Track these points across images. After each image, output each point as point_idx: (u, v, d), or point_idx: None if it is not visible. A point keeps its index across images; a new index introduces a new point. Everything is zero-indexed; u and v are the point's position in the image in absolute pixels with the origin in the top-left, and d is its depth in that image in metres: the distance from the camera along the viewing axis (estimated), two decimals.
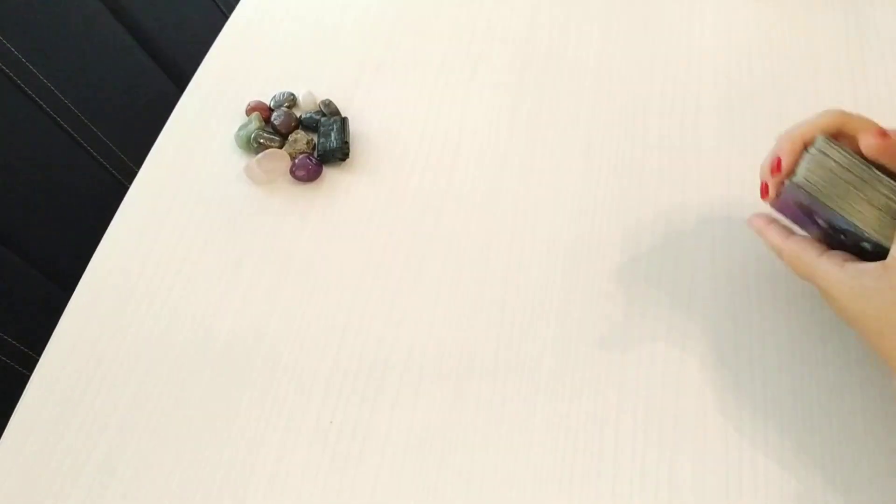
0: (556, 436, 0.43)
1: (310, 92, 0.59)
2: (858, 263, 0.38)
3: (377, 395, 0.45)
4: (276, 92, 0.60)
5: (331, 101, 0.58)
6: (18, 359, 0.71)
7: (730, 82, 0.58)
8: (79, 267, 0.51)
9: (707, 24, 0.62)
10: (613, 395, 0.44)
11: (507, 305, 0.48)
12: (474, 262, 0.50)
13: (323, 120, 0.57)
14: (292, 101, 0.59)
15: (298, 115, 0.58)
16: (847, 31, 0.61)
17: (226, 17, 0.66)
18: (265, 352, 0.47)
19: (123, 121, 0.83)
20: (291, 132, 0.57)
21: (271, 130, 0.57)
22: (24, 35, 0.70)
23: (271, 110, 0.59)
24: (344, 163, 0.56)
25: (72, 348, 0.48)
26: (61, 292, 0.74)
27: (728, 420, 0.43)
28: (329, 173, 0.56)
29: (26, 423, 0.46)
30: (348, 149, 0.56)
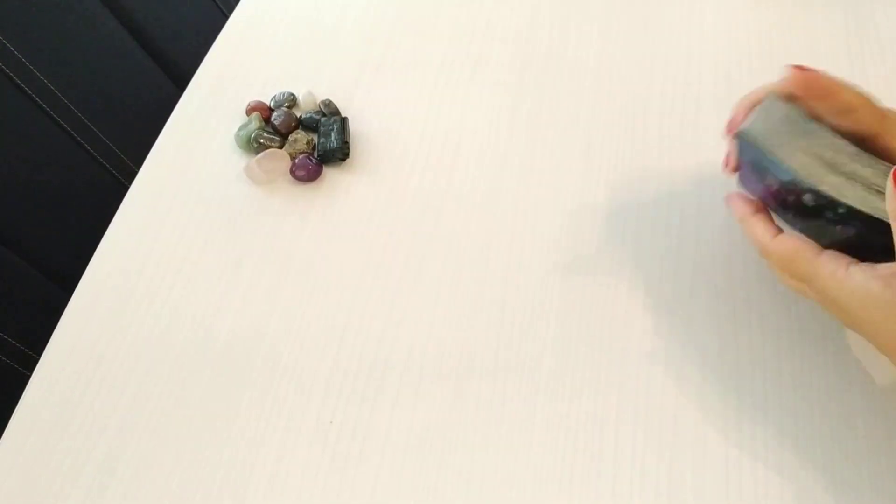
0: (556, 436, 0.43)
1: (310, 92, 0.59)
2: (865, 266, 0.36)
3: (377, 395, 0.45)
4: (276, 92, 0.60)
5: (331, 101, 0.58)
6: (18, 359, 0.71)
7: (730, 82, 0.58)
8: (79, 267, 0.51)
9: (707, 24, 0.62)
10: (613, 395, 0.44)
11: (507, 305, 0.48)
12: (474, 262, 0.50)
13: (323, 120, 0.57)
14: (292, 101, 0.59)
15: (298, 115, 0.58)
16: (847, 31, 0.61)
17: (226, 17, 0.66)
18: (265, 352, 0.47)
19: (123, 121, 0.83)
20: (291, 132, 0.57)
21: (271, 130, 0.57)
22: (24, 35, 0.70)
23: (271, 110, 0.59)
24: (344, 163, 0.56)
25: (72, 348, 0.48)
26: (61, 292, 0.74)
27: (728, 420, 0.43)
28: (329, 173, 0.56)
29: (26, 423, 0.46)
30: (348, 149, 0.56)
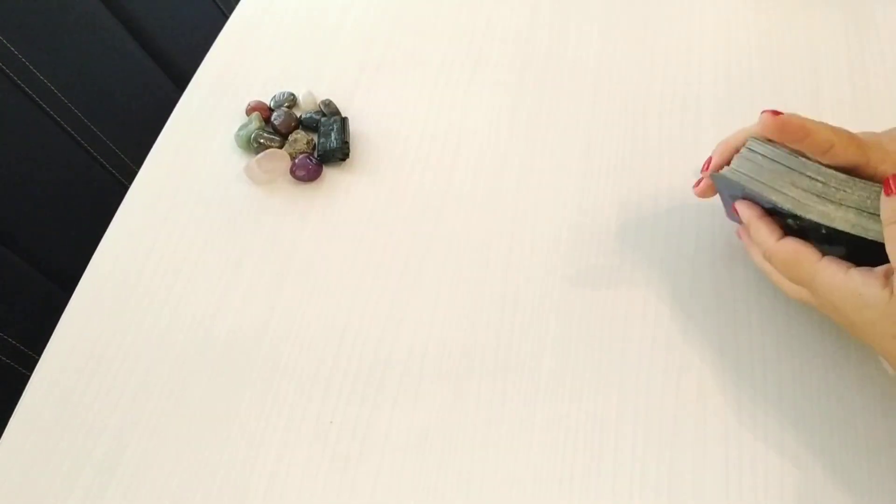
0: (556, 436, 0.43)
1: (310, 92, 0.59)
2: (864, 270, 0.37)
3: (377, 395, 0.45)
4: (277, 92, 0.60)
5: (331, 101, 0.58)
6: (18, 359, 0.71)
7: (730, 82, 0.58)
8: (79, 267, 0.51)
9: (707, 24, 0.62)
10: (613, 395, 0.44)
11: (506, 306, 0.48)
12: (474, 262, 0.50)
13: (323, 120, 0.57)
14: (292, 101, 0.59)
15: (298, 115, 0.58)
16: (847, 31, 0.61)
17: (226, 17, 0.66)
18: (265, 352, 0.47)
19: (123, 121, 0.83)
20: (291, 132, 0.57)
21: (271, 130, 0.57)
22: (24, 35, 0.70)
23: (271, 110, 0.59)
24: (344, 163, 0.56)
25: (72, 348, 0.48)
26: (61, 292, 0.74)
27: (728, 420, 0.43)
28: (329, 173, 0.56)
29: (26, 423, 0.46)
30: (348, 149, 0.56)
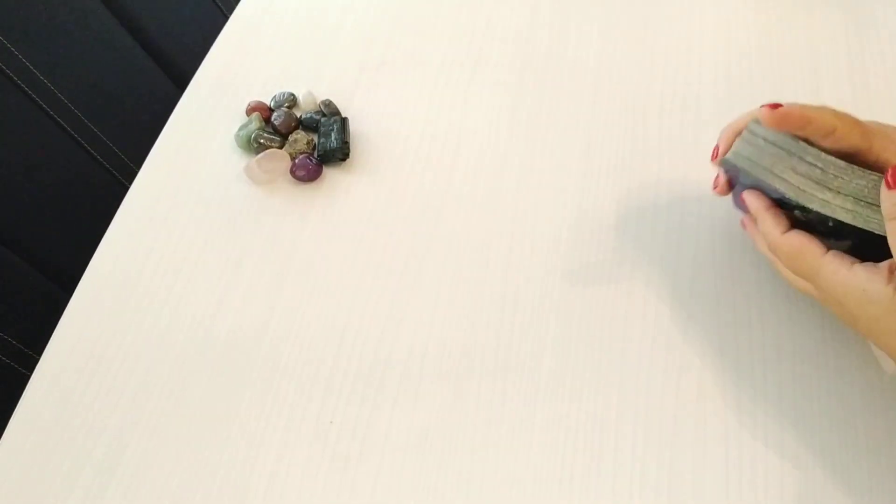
0: (556, 436, 0.43)
1: (310, 92, 0.59)
2: (868, 266, 0.37)
3: (377, 395, 0.45)
4: (277, 92, 0.60)
5: (331, 101, 0.58)
6: (18, 359, 0.71)
7: (730, 82, 0.58)
8: (79, 267, 0.51)
9: (707, 24, 0.62)
10: (613, 395, 0.44)
11: (507, 305, 0.48)
12: (474, 262, 0.50)
13: (323, 120, 0.57)
14: (292, 102, 0.59)
15: (298, 116, 0.58)
16: (847, 31, 0.61)
17: (226, 17, 0.66)
18: (265, 352, 0.47)
19: (123, 121, 0.83)
20: (291, 132, 0.57)
21: (271, 130, 0.57)
22: (24, 35, 0.70)
23: (271, 110, 0.59)
24: (344, 163, 0.56)
25: (72, 348, 0.48)
26: (61, 292, 0.74)
27: (728, 420, 0.43)
28: (329, 173, 0.56)
29: (26, 423, 0.46)
30: (348, 149, 0.56)
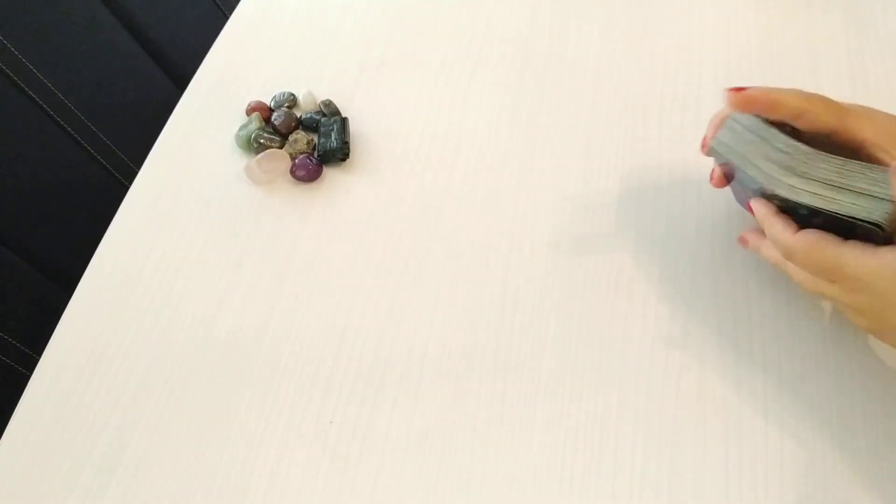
0: (556, 436, 0.43)
1: (310, 92, 0.59)
2: (890, 247, 0.35)
3: (377, 395, 0.45)
4: (277, 92, 0.60)
5: (331, 101, 0.58)
6: (18, 359, 0.71)
7: (730, 82, 0.58)
8: (79, 267, 0.51)
9: (707, 24, 0.62)
10: (613, 395, 0.44)
11: (507, 305, 0.48)
12: (474, 262, 0.50)
13: (323, 120, 0.57)
14: (292, 102, 0.59)
15: (299, 116, 0.58)
16: (847, 31, 0.61)
17: (226, 17, 0.66)
18: (265, 352, 0.47)
19: (123, 121, 0.83)
20: (291, 132, 0.57)
21: (271, 130, 0.57)
22: (24, 35, 0.70)
23: (271, 110, 0.59)
24: (344, 163, 0.56)
25: (72, 348, 0.48)
26: (61, 292, 0.74)
27: (728, 420, 0.43)
28: (329, 173, 0.56)
29: (26, 423, 0.46)
30: (348, 149, 0.56)
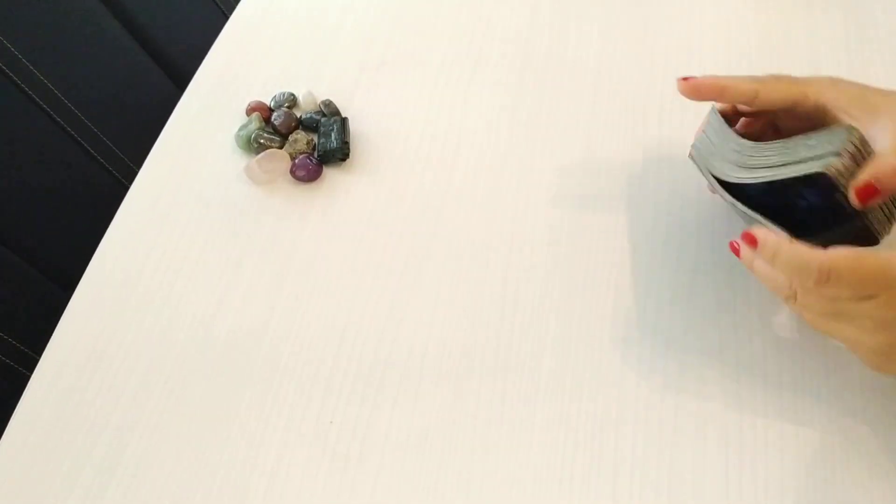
0: (556, 436, 0.43)
1: (310, 92, 0.59)
2: None
3: (377, 395, 0.45)
4: (277, 92, 0.60)
5: (331, 101, 0.58)
6: (18, 359, 0.71)
7: None
8: (79, 267, 0.51)
9: (707, 24, 0.62)
10: (613, 395, 0.44)
11: (506, 305, 0.48)
12: (474, 262, 0.50)
13: (323, 120, 0.57)
14: (292, 102, 0.59)
15: (299, 116, 0.58)
16: (847, 31, 0.61)
17: (226, 17, 0.66)
18: (265, 352, 0.47)
19: (123, 121, 0.83)
20: (292, 132, 0.57)
21: (271, 130, 0.57)
22: (24, 35, 0.70)
23: (271, 110, 0.59)
24: (344, 163, 0.56)
25: (72, 348, 0.48)
26: (61, 292, 0.74)
27: (728, 420, 0.43)
28: (329, 173, 0.56)
29: (26, 423, 0.46)
30: (348, 149, 0.56)
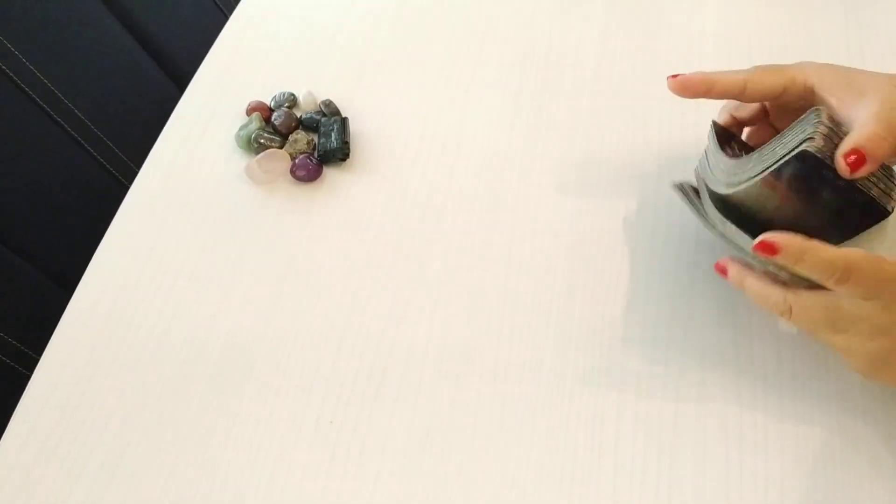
0: (556, 436, 0.43)
1: (310, 92, 0.59)
2: None
3: (377, 395, 0.45)
4: (277, 92, 0.60)
5: (331, 101, 0.58)
6: (18, 359, 0.70)
7: None
8: (79, 267, 0.51)
9: (707, 24, 0.62)
10: (613, 394, 0.44)
11: (507, 305, 0.48)
12: (474, 261, 0.50)
13: (323, 120, 0.57)
14: (293, 102, 0.59)
15: (299, 116, 0.58)
16: (847, 31, 0.61)
17: (226, 17, 0.66)
18: (265, 352, 0.47)
19: (123, 121, 0.83)
20: (292, 132, 0.57)
21: (272, 130, 0.57)
22: (24, 35, 0.70)
23: (272, 110, 0.59)
24: (344, 163, 0.56)
25: (72, 348, 0.48)
26: (61, 292, 0.74)
27: (728, 420, 0.43)
28: (329, 173, 0.56)
29: (26, 423, 0.46)
30: (348, 149, 0.56)
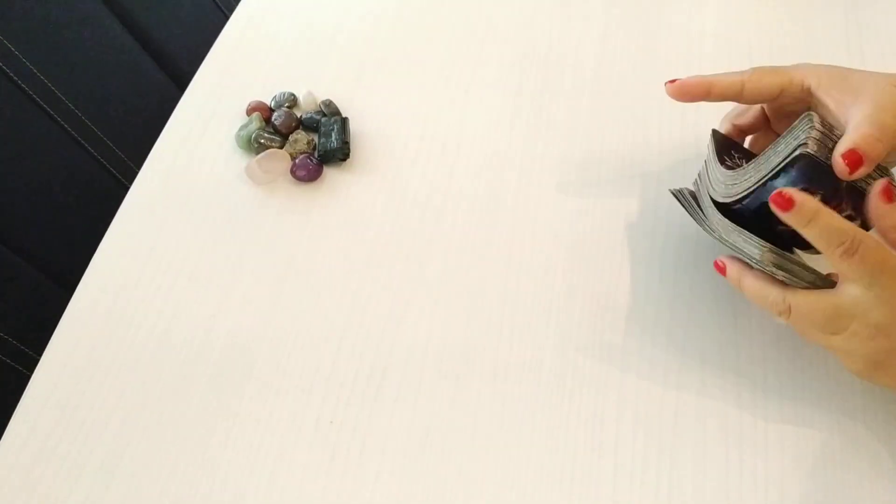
0: (556, 436, 0.43)
1: (310, 92, 0.59)
2: None
3: (377, 395, 0.45)
4: (277, 92, 0.60)
5: (331, 101, 0.58)
6: (18, 359, 0.70)
7: None
8: (79, 267, 0.51)
9: (708, 24, 0.63)
10: (613, 395, 0.44)
11: (507, 305, 0.48)
12: (474, 262, 0.50)
13: (323, 120, 0.57)
14: (293, 102, 0.59)
15: (299, 116, 0.58)
16: (847, 31, 0.61)
17: (226, 17, 0.66)
18: (265, 352, 0.47)
19: (123, 121, 0.83)
20: (292, 132, 0.57)
21: (272, 130, 0.57)
22: (25, 35, 0.70)
23: (272, 110, 0.59)
24: (344, 163, 0.56)
25: (72, 348, 0.48)
26: (61, 292, 0.74)
27: (728, 420, 0.43)
28: (329, 173, 0.56)
29: (26, 423, 0.46)
30: (349, 149, 0.56)
